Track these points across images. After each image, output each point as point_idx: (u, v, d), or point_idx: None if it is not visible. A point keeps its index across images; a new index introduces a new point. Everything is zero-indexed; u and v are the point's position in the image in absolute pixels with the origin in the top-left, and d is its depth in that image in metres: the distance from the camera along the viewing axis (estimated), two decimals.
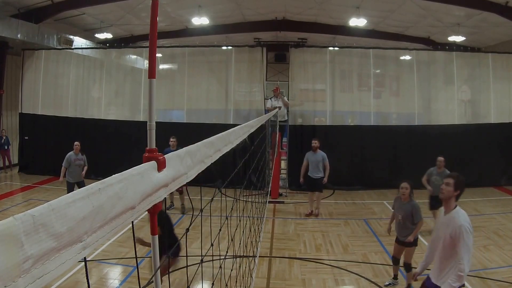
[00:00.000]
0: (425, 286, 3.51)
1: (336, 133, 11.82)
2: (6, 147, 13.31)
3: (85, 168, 8.58)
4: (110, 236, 0.72)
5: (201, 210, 1.64)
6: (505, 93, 12.25)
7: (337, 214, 9.30)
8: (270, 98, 11.40)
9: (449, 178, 3.28)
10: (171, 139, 8.34)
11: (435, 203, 7.12)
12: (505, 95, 12.26)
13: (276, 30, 14.47)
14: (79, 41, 14.14)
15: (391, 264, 5.66)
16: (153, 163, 0.90)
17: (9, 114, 14.00)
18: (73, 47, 13.69)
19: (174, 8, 12.90)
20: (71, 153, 8.32)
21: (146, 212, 0.91)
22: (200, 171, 1.28)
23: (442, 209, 3.47)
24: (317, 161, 8.81)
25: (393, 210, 5.59)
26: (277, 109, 10.36)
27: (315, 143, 8.89)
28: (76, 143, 8.39)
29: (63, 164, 8.30)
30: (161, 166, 0.92)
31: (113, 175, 0.71)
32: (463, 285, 3.20)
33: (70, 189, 8.38)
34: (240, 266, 2.73)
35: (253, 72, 12.21)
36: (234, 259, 2.59)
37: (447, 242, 3.22)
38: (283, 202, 10.22)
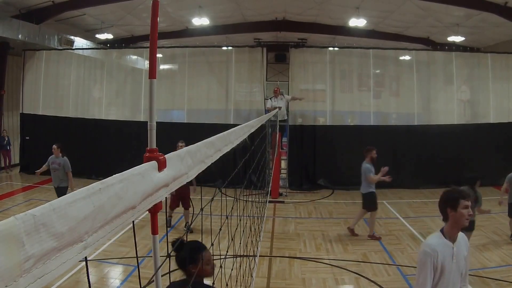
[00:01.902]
0: None
1: (336, 133, 11.82)
2: (8, 148, 13.35)
3: (69, 174, 7.60)
4: (110, 236, 0.72)
5: (201, 210, 1.65)
6: (504, 93, 12.25)
7: (337, 213, 9.30)
8: (270, 98, 11.43)
9: (469, 201, 2.68)
10: (180, 144, 7.14)
11: None
12: (504, 95, 12.26)
13: (276, 30, 14.48)
14: (79, 42, 14.15)
15: (391, 263, 5.66)
16: (153, 163, 0.91)
17: (10, 114, 14.01)
18: (73, 47, 13.70)
19: (174, 8, 12.90)
20: (52, 155, 7.66)
21: (147, 212, 0.92)
22: (200, 171, 1.28)
23: (446, 245, 2.67)
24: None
25: None
26: (277, 109, 10.37)
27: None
28: (53, 146, 7.68)
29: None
30: (161, 166, 0.93)
31: (114, 175, 0.72)
32: None
33: (58, 193, 7.60)
34: (240, 266, 2.74)
35: (253, 72, 12.22)
36: (234, 258, 2.60)
37: (465, 266, 2.76)
38: (283, 202, 10.22)
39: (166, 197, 0.98)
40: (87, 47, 14.34)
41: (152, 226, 1.07)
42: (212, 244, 1.93)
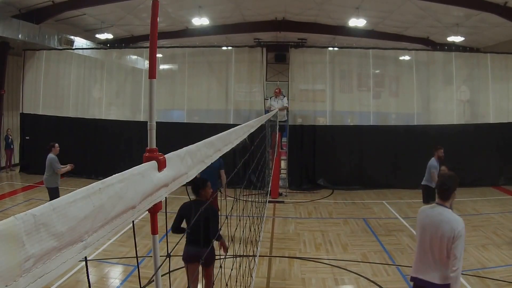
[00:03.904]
0: None
1: (336, 133, 11.83)
2: (11, 147, 13.38)
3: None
4: (110, 236, 0.72)
5: (202, 210, 1.65)
6: (503, 93, 12.25)
7: (336, 213, 9.30)
8: (270, 98, 11.45)
9: None
10: None
11: None
12: (504, 95, 12.26)
13: (276, 30, 14.48)
14: (79, 42, 14.15)
15: (390, 263, 5.65)
16: (153, 163, 0.91)
17: (10, 114, 14.01)
18: (73, 47, 13.70)
19: (174, 8, 12.90)
20: (54, 156, 7.20)
21: (147, 212, 0.92)
22: (200, 171, 1.29)
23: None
24: None
25: None
26: (276, 109, 10.36)
27: None
28: (56, 144, 7.38)
29: (59, 167, 7.17)
30: (161, 166, 0.93)
31: (114, 175, 0.72)
32: None
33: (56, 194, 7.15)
34: (240, 266, 2.74)
35: (253, 72, 12.22)
36: (234, 258, 2.60)
37: None
38: (283, 202, 10.23)
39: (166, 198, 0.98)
40: (87, 47, 14.34)
41: (152, 226, 1.07)
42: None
